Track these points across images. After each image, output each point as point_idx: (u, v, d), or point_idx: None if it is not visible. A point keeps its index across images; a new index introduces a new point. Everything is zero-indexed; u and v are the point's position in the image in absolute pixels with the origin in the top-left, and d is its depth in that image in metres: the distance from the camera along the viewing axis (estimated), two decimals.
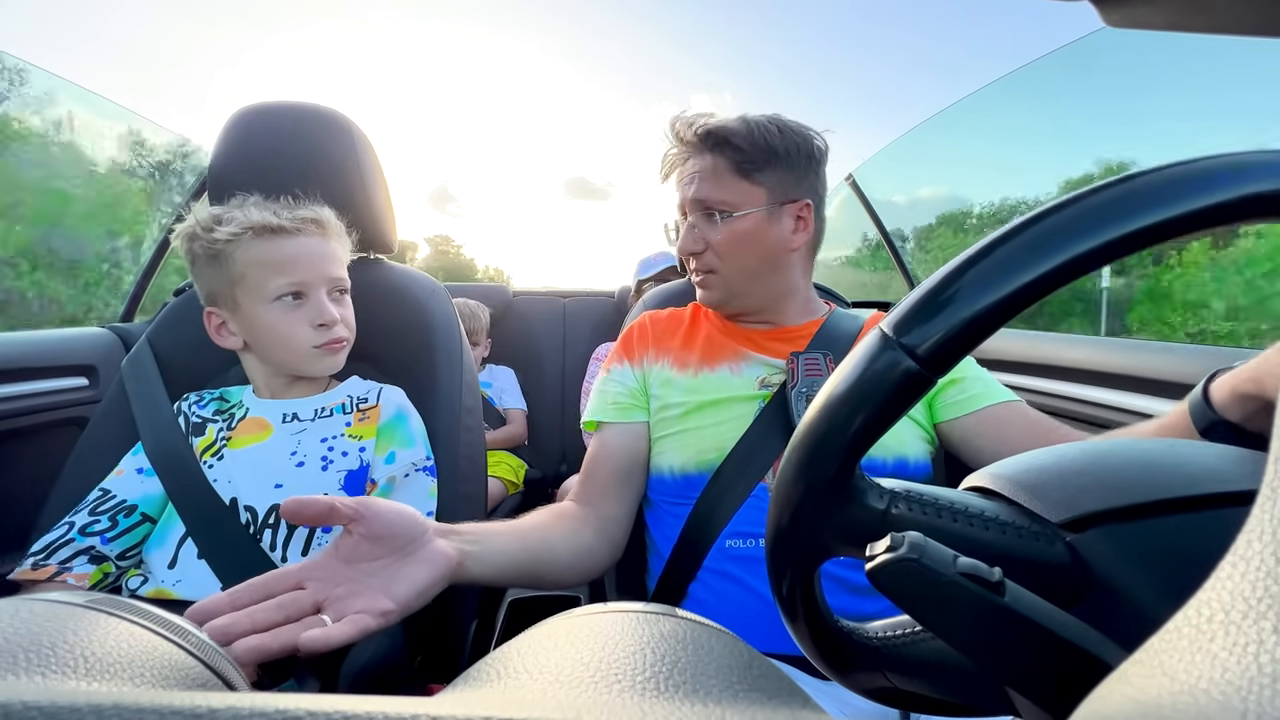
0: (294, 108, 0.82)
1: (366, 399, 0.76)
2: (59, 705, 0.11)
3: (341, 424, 0.73)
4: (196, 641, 0.25)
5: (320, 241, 0.72)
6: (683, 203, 0.73)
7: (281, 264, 0.69)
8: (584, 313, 2.05)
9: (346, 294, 0.76)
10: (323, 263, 0.72)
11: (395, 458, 0.72)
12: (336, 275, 0.73)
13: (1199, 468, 0.24)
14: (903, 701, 0.31)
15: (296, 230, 0.70)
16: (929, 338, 0.23)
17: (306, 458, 0.70)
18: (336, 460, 0.70)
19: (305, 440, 0.71)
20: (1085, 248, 0.22)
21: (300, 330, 0.70)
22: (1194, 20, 0.19)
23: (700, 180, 0.71)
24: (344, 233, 0.76)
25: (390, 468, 0.71)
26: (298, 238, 0.70)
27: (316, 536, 0.66)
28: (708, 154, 0.71)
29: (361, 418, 0.74)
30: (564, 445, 1.88)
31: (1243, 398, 0.38)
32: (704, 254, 0.73)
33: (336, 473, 0.69)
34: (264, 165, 0.79)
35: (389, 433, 0.74)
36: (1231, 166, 0.22)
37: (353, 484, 0.70)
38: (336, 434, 0.72)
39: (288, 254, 0.69)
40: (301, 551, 0.65)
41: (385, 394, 0.78)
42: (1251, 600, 0.10)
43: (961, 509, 0.26)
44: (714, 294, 0.75)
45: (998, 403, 0.67)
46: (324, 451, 0.71)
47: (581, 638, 0.23)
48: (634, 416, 0.74)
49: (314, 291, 0.71)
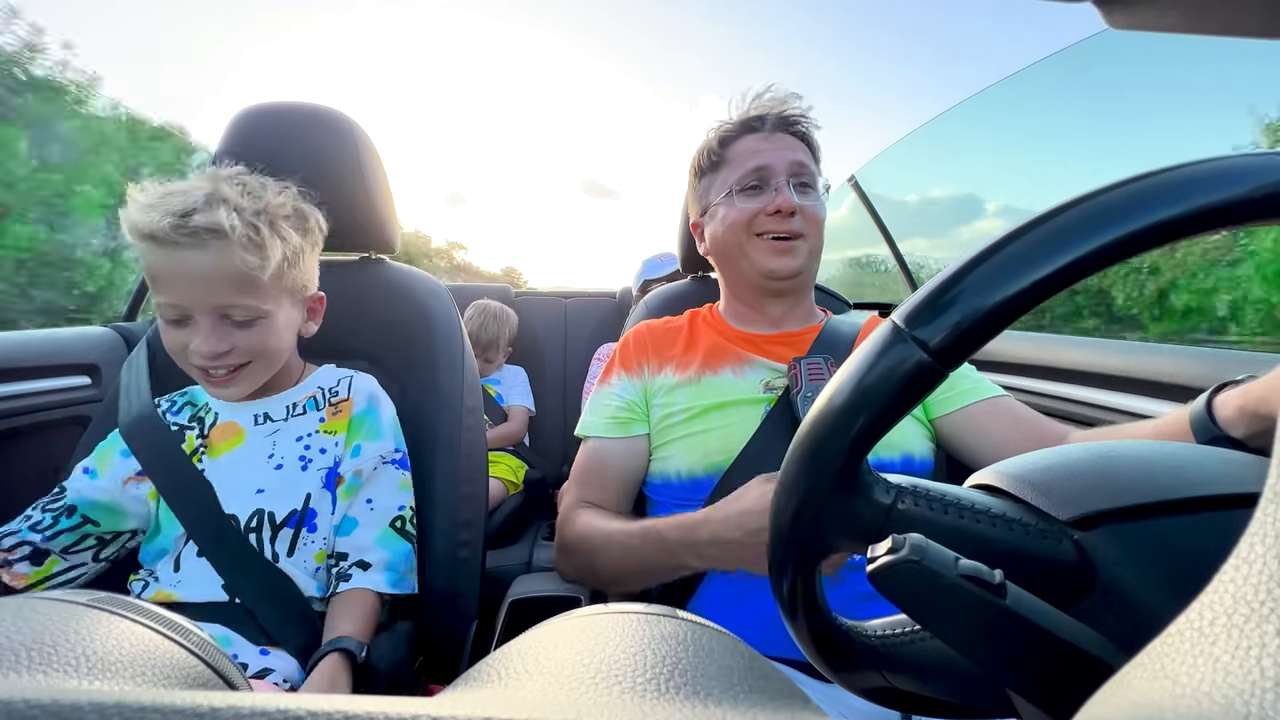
0: (296, 108, 0.83)
1: (338, 391, 0.73)
2: (61, 703, 0.11)
3: (315, 420, 0.71)
4: (198, 641, 0.25)
5: (208, 257, 0.59)
6: (772, 164, 0.73)
7: (157, 279, 0.60)
8: (586, 313, 2.05)
9: (258, 320, 0.63)
10: (203, 284, 0.59)
11: (361, 451, 0.70)
12: (221, 304, 0.61)
13: (1207, 469, 0.24)
14: (902, 703, 0.31)
15: (176, 243, 0.58)
16: (942, 330, 0.23)
17: (284, 459, 0.68)
18: (315, 459, 0.69)
19: (280, 441, 0.69)
20: (1100, 243, 0.22)
21: (179, 351, 0.63)
22: (1198, 22, 0.19)
23: (796, 150, 0.75)
24: (267, 244, 0.61)
25: (356, 461, 0.69)
26: (180, 251, 0.58)
27: (302, 537, 0.66)
28: (793, 133, 0.76)
29: (334, 412, 0.72)
30: (565, 446, 1.88)
31: (1250, 417, 0.38)
32: (795, 216, 0.72)
33: (316, 471, 0.68)
34: (266, 165, 0.79)
35: (359, 425, 0.72)
36: (1248, 165, 0.22)
37: (331, 479, 0.69)
38: (311, 431, 0.70)
39: (164, 268, 0.59)
40: (288, 552, 0.65)
41: (356, 384, 0.75)
42: (1254, 604, 0.10)
43: (968, 505, 0.26)
44: (798, 260, 0.74)
45: (985, 399, 0.67)
46: (301, 451, 0.69)
47: (582, 639, 0.23)
48: (634, 430, 0.74)
49: (197, 316, 0.61)
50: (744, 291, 0.79)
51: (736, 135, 0.76)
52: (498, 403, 1.76)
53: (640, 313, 1.03)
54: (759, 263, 0.74)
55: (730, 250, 0.77)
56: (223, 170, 0.67)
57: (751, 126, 0.76)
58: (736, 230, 0.75)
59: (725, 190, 0.76)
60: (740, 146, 0.75)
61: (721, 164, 0.77)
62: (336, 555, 0.67)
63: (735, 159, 0.76)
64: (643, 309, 1.04)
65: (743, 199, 0.74)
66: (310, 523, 0.66)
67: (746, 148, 0.75)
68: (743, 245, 0.75)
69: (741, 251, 0.75)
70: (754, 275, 0.75)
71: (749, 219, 0.74)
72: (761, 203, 0.73)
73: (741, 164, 0.75)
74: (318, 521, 0.67)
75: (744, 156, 0.75)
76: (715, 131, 0.79)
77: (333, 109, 0.84)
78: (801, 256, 0.74)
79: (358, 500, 0.69)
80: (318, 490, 0.67)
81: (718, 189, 0.77)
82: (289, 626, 0.62)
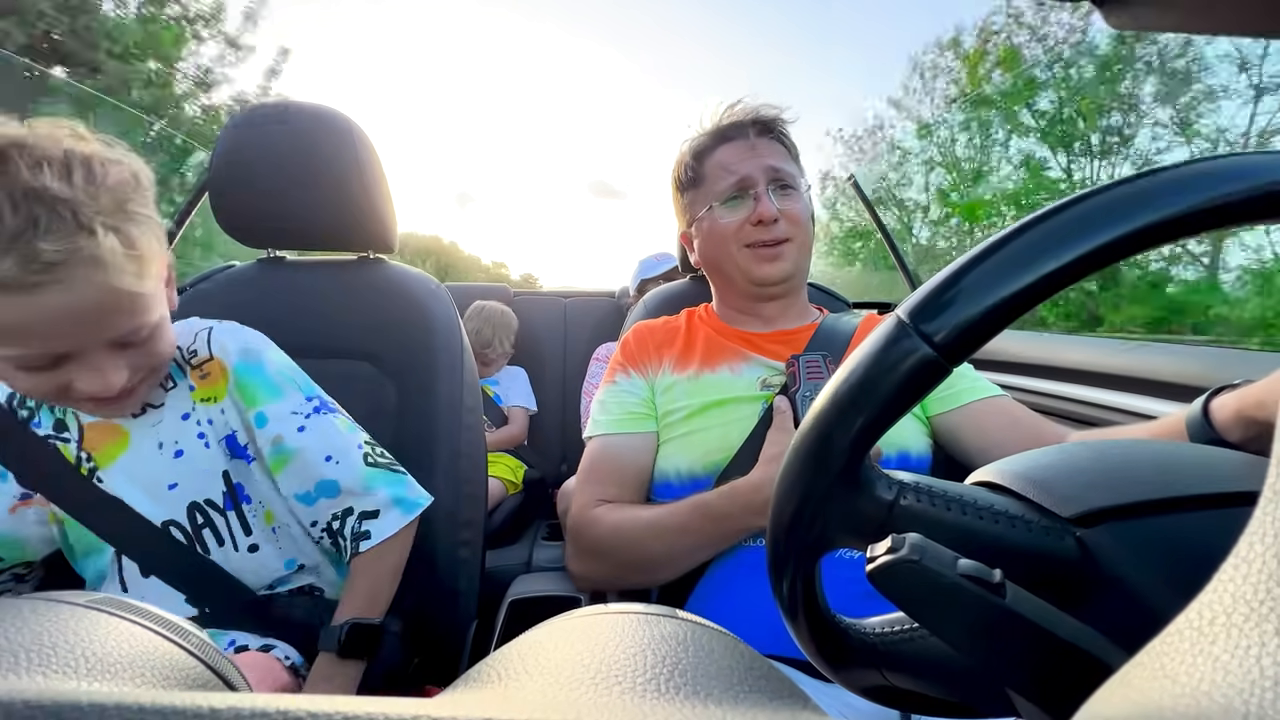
0: (294, 108, 0.83)
1: (195, 350, 0.63)
2: (60, 704, 0.11)
3: (186, 391, 0.62)
4: (197, 642, 0.25)
5: (86, 292, 0.46)
6: (749, 174, 0.73)
7: (4, 332, 0.45)
8: (584, 313, 2.05)
9: (150, 332, 0.53)
10: (91, 324, 0.48)
11: (268, 419, 0.61)
12: (112, 337, 0.50)
13: (1210, 467, 0.24)
14: (902, 702, 0.31)
15: (32, 286, 0.43)
16: (948, 325, 0.23)
17: (180, 443, 0.60)
18: (208, 431, 0.62)
19: (165, 427, 0.60)
20: (1105, 239, 0.22)
21: (58, 397, 0.51)
22: (1196, 22, 0.19)
23: (772, 154, 0.74)
24: (139, 244, 0.49)
25: (269, 429, 0.61)
26: (35, 295, 0.44)
27: (246, 511, 0.62)
28: (768, 137, 0.76)
29: (201, 375, 0.62)
30: (564, 446, 1.88)
31: (1246, 421, 0.38)
32: (779, 223, 0.73)
33: (217, 444, 0.62)
34: (264, 165, 0.79)
35: (245, 388, 0.62)
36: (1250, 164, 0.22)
37: (234, 447, 0.62)
38: (191, 405, 0.62)
39: (14, 319, 0.44)
40: (244, 530, 0.61)
41: (216, 337, 0.63)
42: (1253, 603, 0.10)
43: (970, 501, 0.26)
44: (786, 265, 0.74)
45: (983, 398, 0.68)
46: (193, 429, 0.61)
47: (582, 639, 0.23)
48: (646, 427, 0.74)
49: (76, 357, 0.49)
50: (737, 298, 0.80)
51: (711, 147, 0.77)
52: (496, 403, 1.76)
53: (639, 312, 1.03)
54: (748, 272, 0.75)
55: (719, 262, 0.78)
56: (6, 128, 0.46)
57: (725, 136, 0.76)
58: (723, 243, 0.75)
59: (706, 205, 0.76)
60: (716, 158, 0.76)
61: (700, 178, 0.78)
62: (340, 515, 0.62)
63: (712, 172, 0.76)
64: (641, 309, 1.04)
65: (725, 211, 0.75)
66: (242, 494, 0.62)
67: (722, 159, 0.75)
68: (731, 256, 0.75)
69: (731, 262, 0.76)
70: (744, 284, 0.76)
71: (734, 230, 0.74)
72: (744, 213, 0.73)
73: (719, 176, 0.75)
74: (248, 491, 0.63)
75: (720, 168, 0.75)
76: (689, 145, 0.79)
77: (330, 108, 0.84)
78: (790, 260, 0.74)
79: (305, 465, 0.62)
80: (229, 461, 0.62)
81: (700, 203, 0.78)
82: (259, 625, 0.60)
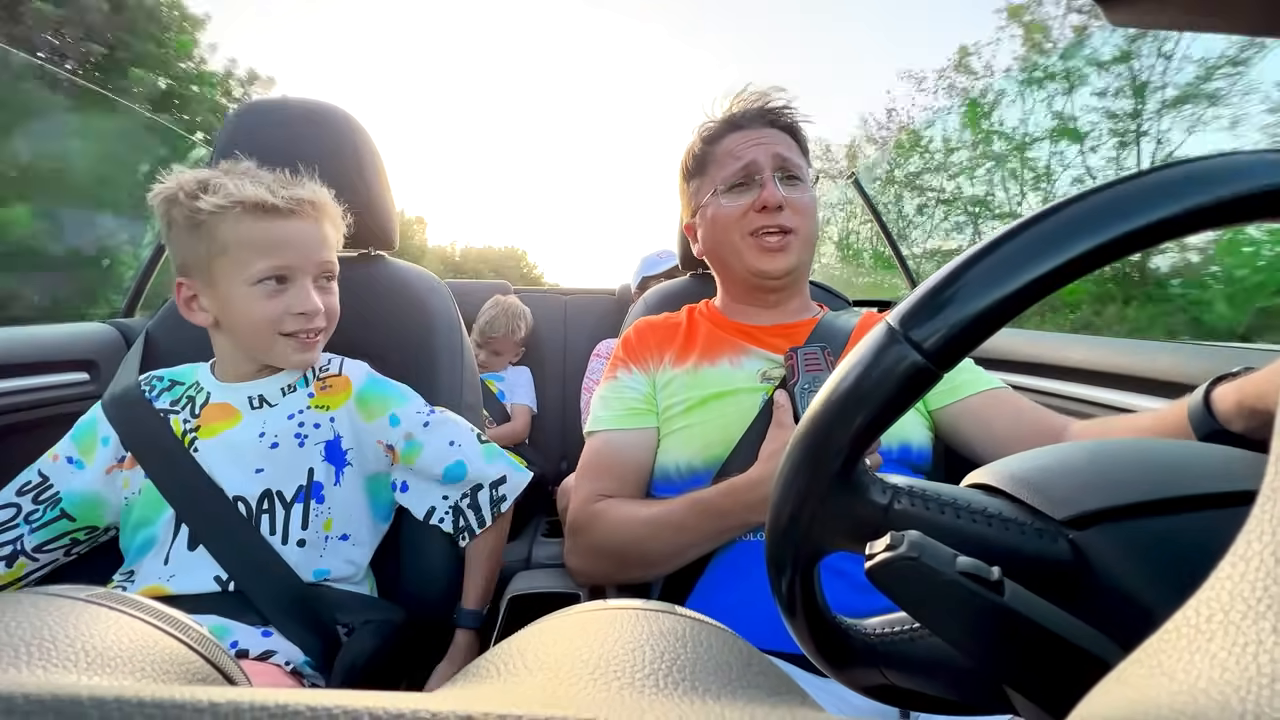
0: (295, 104, 0.82)
1: (327, 368, 0.75)
2: (61, 698, 0.11)
3: (305, 397, 0.71)
4: (197, 636, 0.25)
5: (313, 226, 0.68)
6: (755, 160, 0.73)
7: (269, 246, 0.64)
8: (585, 310, 2.05)
9: (334, 280, 0.72)
10: (313, 248, 0.68)
11: (400, 420, 0.73)
12: (326, 260, 0.69)
13: (1203, 467, 0.24)
14: (901, 699, 0.31)
15: (290, 212, 0.65)
16: (936, 332, 0.23)
17: (279, 436, 0.68)
18: (310, 433, 0.69)
19: (271, 420, 0.69)
20: (1091, 244, 0.22)
21: (276, 317, 0.66)
22: (1199, 20, 0.19)
23: (781, 144, 0.74)
24: (339, 216, 0.73)
25: (400, 429, 0.72)
26: (290, 220, 0.66)
27: (313, 509, 0.66)
28: (776, 130, 0.75)
29: (324, 386, 0.72)
30: (565, 443, 1.88)
31: (1247, 410, 0.38)
32: (783, 210, 0.72)
33: (314, 445, 0.69)
34: (265, 161, 0.79)
35: (374, 401, 0.73)
36: (1240, 165, 0.22)
37: (333, 454, 0.70)
38: (302, 407, 0.70)
39: (277, 236, 0.65)
40: (301, 525, 0.65)
41: (348, 365, 0.76)
42: (1251, 601, 0.10)
43: (964, 504, 0.26)
44: (789, 259, 0.73)
45: (984, 390, 0.68)
46: (295, 428, 0.69)
47: (582, 634, 0.23)
48: (647, 422, 0.74)
49: (299, 277, 0.66)
50: (739, 289, 0.80)
51: (721, 134, 0.76)
52: (499, 399, 1.75)
53: (640, 309, 1.03)
54: (751, 264, 0.74)
55: (722, 250, 0.77)
56: (239, 164, 0.70)
57: (735, 124, 0.76)
58: (727, 229, 0.75)
59: (712, 190, 0.76)
60: (724, 145, 0.76)
61: (707, 164, 0.77)
62: (470, 493, 0.74)
63: (720, 157, 0.76)
64: (642, 306, 1.04)
65: (729, 197, 0.74)
66: (317, 494, 0.67)
67: (730, 145, 0.75)
68: (734, 245, 0.75)
69: (733, 251, 0.75)
70: (747, 275, 0.76)
71: (738, 217, 0.74)
72: (748, 199, 0.73)
73: (726, 162, 0.75)
74: (324, 493, 0.68)
75: (728, 154, 0.75)
76: (699, 132, 0.79)
77: (331, 104, 0.84)
78: (793, 254, 0.74)
79: (434, 452, 0.73)
80: (319, 464, 0.68)
81: (705, 189, 0.78)
82: (287, 612, 0.61)
